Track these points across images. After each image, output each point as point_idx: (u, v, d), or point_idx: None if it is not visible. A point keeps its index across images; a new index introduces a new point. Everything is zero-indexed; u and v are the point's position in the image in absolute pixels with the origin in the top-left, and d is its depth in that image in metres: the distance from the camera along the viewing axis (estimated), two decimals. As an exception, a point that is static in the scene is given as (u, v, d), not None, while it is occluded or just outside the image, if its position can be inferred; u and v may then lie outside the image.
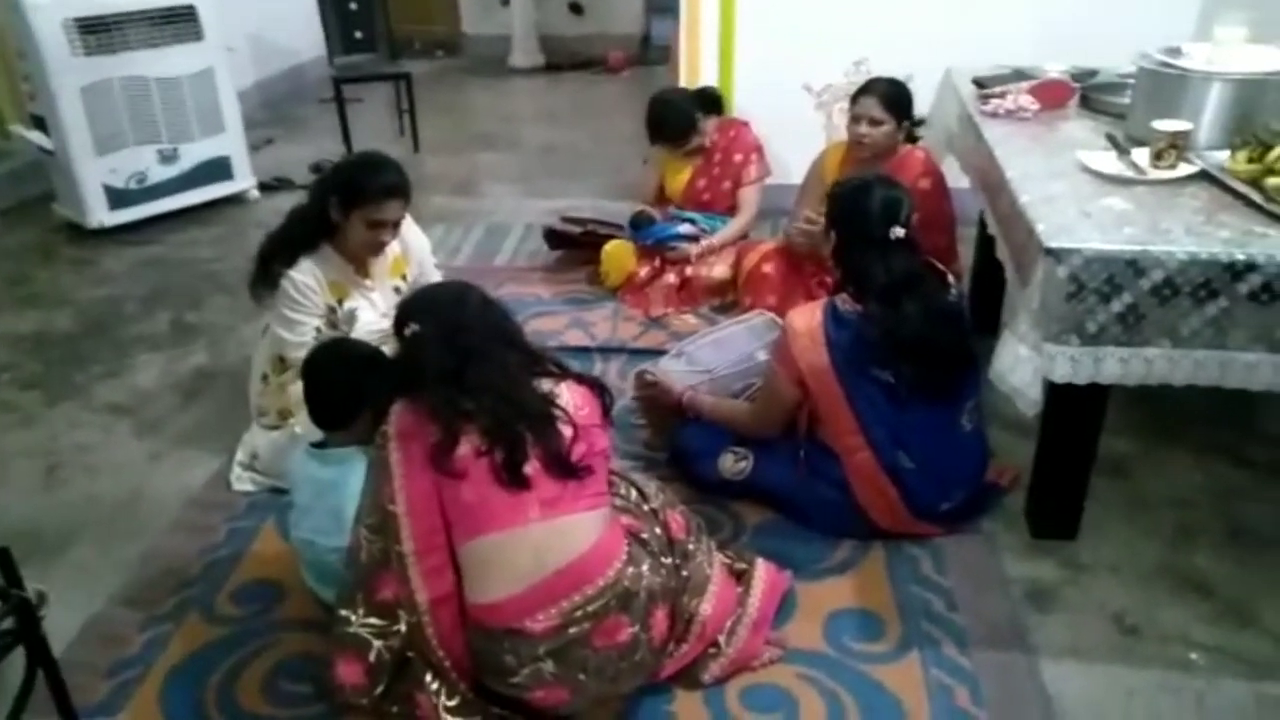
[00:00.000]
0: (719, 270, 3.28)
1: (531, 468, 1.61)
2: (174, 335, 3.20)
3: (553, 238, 3.67)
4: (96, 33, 3.72)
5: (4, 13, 3.72)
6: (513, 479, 1.60)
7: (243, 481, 2.43)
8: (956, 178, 2.86)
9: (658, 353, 2.93)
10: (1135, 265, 1.71)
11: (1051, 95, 2.51)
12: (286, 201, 2.38)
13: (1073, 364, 1.76)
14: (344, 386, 1.93)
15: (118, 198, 3.94)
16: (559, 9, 7.10)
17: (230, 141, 4.23)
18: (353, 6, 5.02)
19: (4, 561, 1.16)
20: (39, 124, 3.84)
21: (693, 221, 3.38)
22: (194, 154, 4.11)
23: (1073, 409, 1.94)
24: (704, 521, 2.09)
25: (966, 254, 3.01)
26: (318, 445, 1.97)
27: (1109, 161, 2.09)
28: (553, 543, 1.62)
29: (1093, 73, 2.75)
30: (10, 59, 4.07)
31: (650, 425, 2.51)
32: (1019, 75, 2.67)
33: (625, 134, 5.18)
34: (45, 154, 3.89)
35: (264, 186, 4.44)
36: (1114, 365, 1.76)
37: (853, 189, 2.12)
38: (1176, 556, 2.10)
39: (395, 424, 1.69)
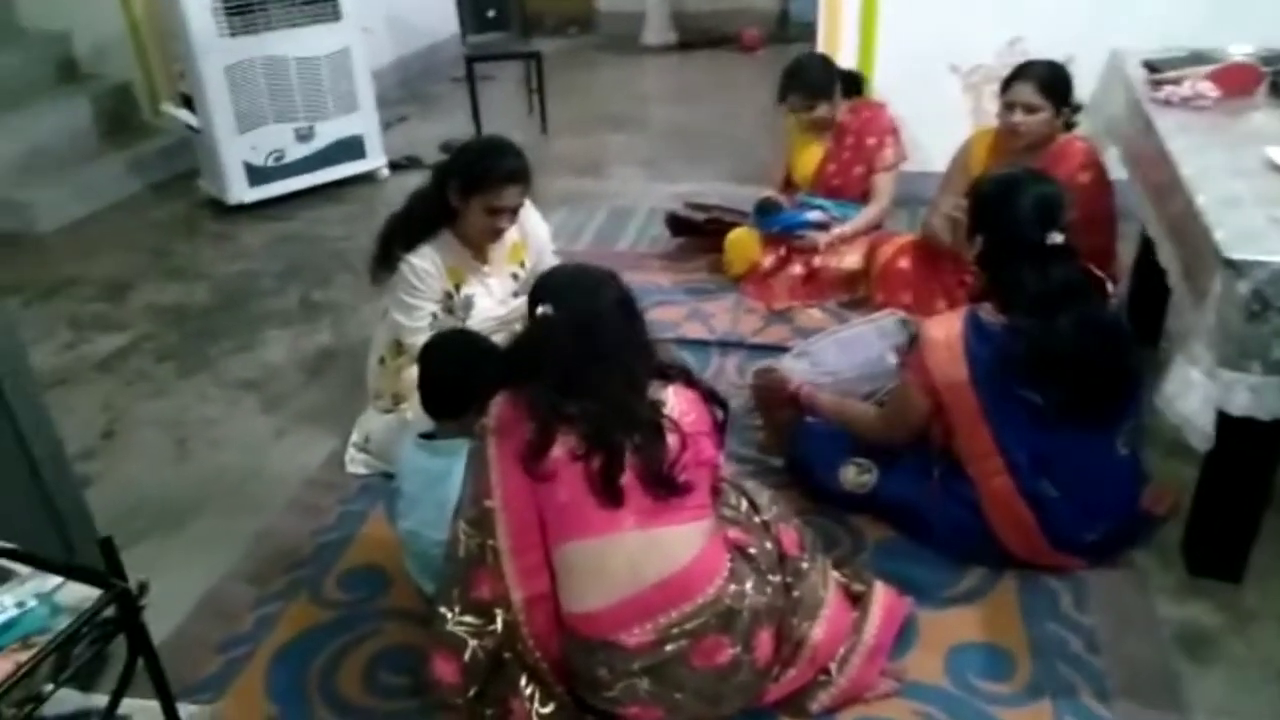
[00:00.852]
0: (850, 261, 3.11)
1: (627, 480, 1.54)
2: (302, 312, 3.28)
3: (675, 224, 3.57)
4: (242, 14, 3.84)
5: (158, -4, 3.89)
6: (606, 492, 1.53)
7: (356, 464, 2.45)
8: (1115, 169, 2.61)
9: (779, 349, 2.81)
10: (1336, 282, 1.48)
11: (1236, 81, 2.23)
12: (415, 180, 2.39)
13: (1253, 396, 1.55)
14: (458, 377, 1.89)
15: (256, 175, 4.07)
16: (694, -16, 6.94)
17: (364, 121, 4.31)
18: (486, -14, 5.04)
19: (107, 550, 1.16)
20: (187, 103, 4.00)
21: (822, 209, 3.22)
22: (329, 132, 4.20)
23: (1247, 441, 1.71)
24: (821, 536, 1.98)
25: (1125, 252, 2.74)
26: (426, 435, 1.94)
27: (1305, 159, 1.84)
28: (650, 554, 1.55)
29: (1285, 55, 2.44)
30: (162, 40, 4.26)
31: (766, 424, 2.39)
32: (1197, 58, 2.39)
33: (756, 116, 5.02)
34: (192, 131, 4.05)
35: (394, 165, 4.51)
36: (1305, 402, 1.53)
37: (1001, 185, 1.92)
38: (1362, 611, 1.85)
39: (495, 416, 1.64)
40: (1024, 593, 1.92)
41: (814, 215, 3.17)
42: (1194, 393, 1.57)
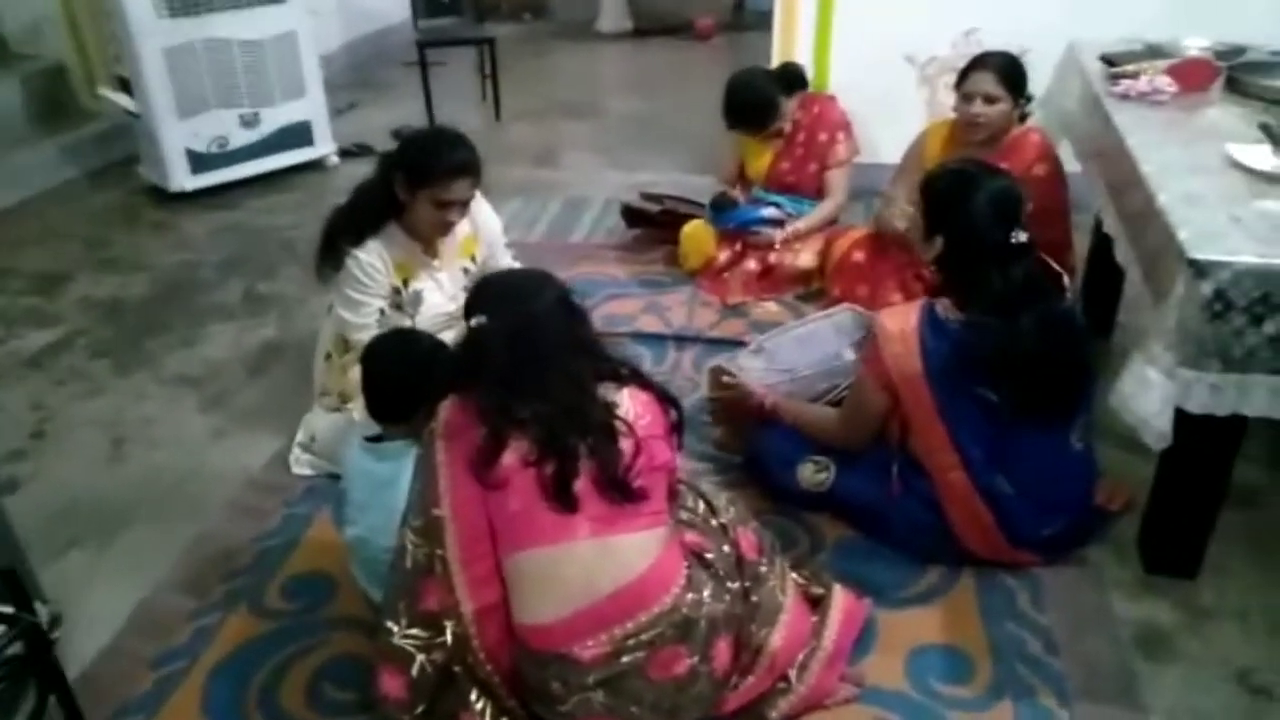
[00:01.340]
0: (805, 258, 3.08)
1: (582, 486, 1.49)
2: (246, 305, 3.17)
3: (630, 215, 3.52)
4: (179, -6, 3.69)
5: (92, -27, 3.72)
6: (560, 498, 1.48)
7: (300, 464, 2.36)
8: (1068, 161, 2.60)
9: (735, 343, 2.78)
10: (1297, 281, 1.47)
11: (1193, 76, 2.23)
12: (365, 169, 2.29)
13: (1213, 393, 1.53)
14: (403, 379, 1.82)
15: (199, 162, 3.93)
16: (649, -29, 6.87)
17: (311, 106, 4.18)
18: (439, -31, 4.93)
19: (11, 583, 1.07)
20: (124, 86, 3.84)
21: (777, 205, 3.18)
22: (275, 119, 4.07)
23: (1204, 439, 1.70)
24: (778, 535, 1.95)
25: (1079, 243, 2.73)
26: (373, 438, 1.87)
27: (1264, 156, 1.83)
28: (604, 563, 1.50)
29: (1239, 50, 2.44)
30: (98, 20, 4.08)
31: (724, 425, 2.35)
32: (1153, 52, 2.39)
33: (711, 104, 4.90)
34: (130, 116, 3.89)
35: (344, 153, 4.39)
36: (1263, 397, 1.53)
37: (956, 183, 1.87)
38: (1315, 606, 1.86)
39: (443, 421, 1.58)
40: (982, 591, 1.91)
41: (769, 212, 3.14)
42: (1152, 392, 1.55)
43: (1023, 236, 1.77)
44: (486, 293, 1.62)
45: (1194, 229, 1.58)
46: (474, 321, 1.57)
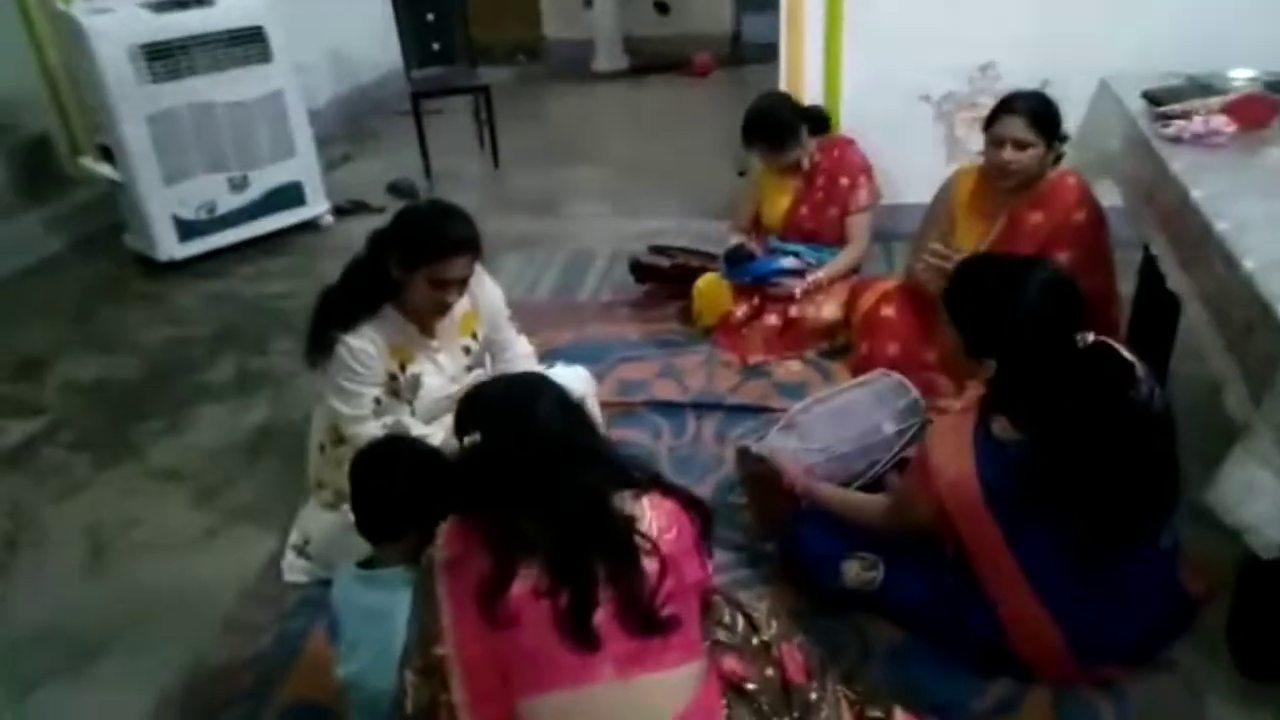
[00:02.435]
0: (828, 310, 2.90)
1: (603, 617, 1.30)
2: (238, 384, 2.99)
3: (640, 270, 3.34)
4: (162, 59, 3.54)
5: (70, 41, 3.58)
6: (578, 634, 1.30)
7: (295, 570, 2.18)
8: (1103, 195, 2.42)
9: (759, 409, 2.61)
10: None
11: (1251, 114, 2.05)
12: (361, 226, 2.13)
13: (1331, 496, 1.33)
14: (393, 493, 1.64)
15: (187, 229, 3.77)
16: (644, 9, 6.75)
17: (302, 166, 4.02)
18: (430, 18, 4.81)
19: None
20: (106, 155, 3.69)
21: (796, 254, 3.01)
22: (264, 180, 3.91)
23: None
24: (823, 640, 1.77)
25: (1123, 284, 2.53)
26: (365, 563, 1.68)
27: (1350, 206, 1.65)
28: (631, 708, 1.32)
29: (1291, 80, 2.27)
30: (78, 89, 3.94)
31: (755, 509, 2.16)
32: (1200, 88, 2.21)
33: (715, 143, 4.82)
34: (114, 185, 3.74)
35: (338, 210, 4.23)
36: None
37: (993, 289, 1.60)
38: None
39: (443, 548, 1.40)
40: (1060, 706, 1.70)
41: (788, 262, 2.96)
42: (1264, 497, 1.36)
43: (1090, 339, 1.55)
44: (477, 407, 1.45)
45: (1298, 305, 1.38)
46: (467, 441, 1.40)
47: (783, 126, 2.92)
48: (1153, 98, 2.22)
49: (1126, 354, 1.62)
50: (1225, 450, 1.51)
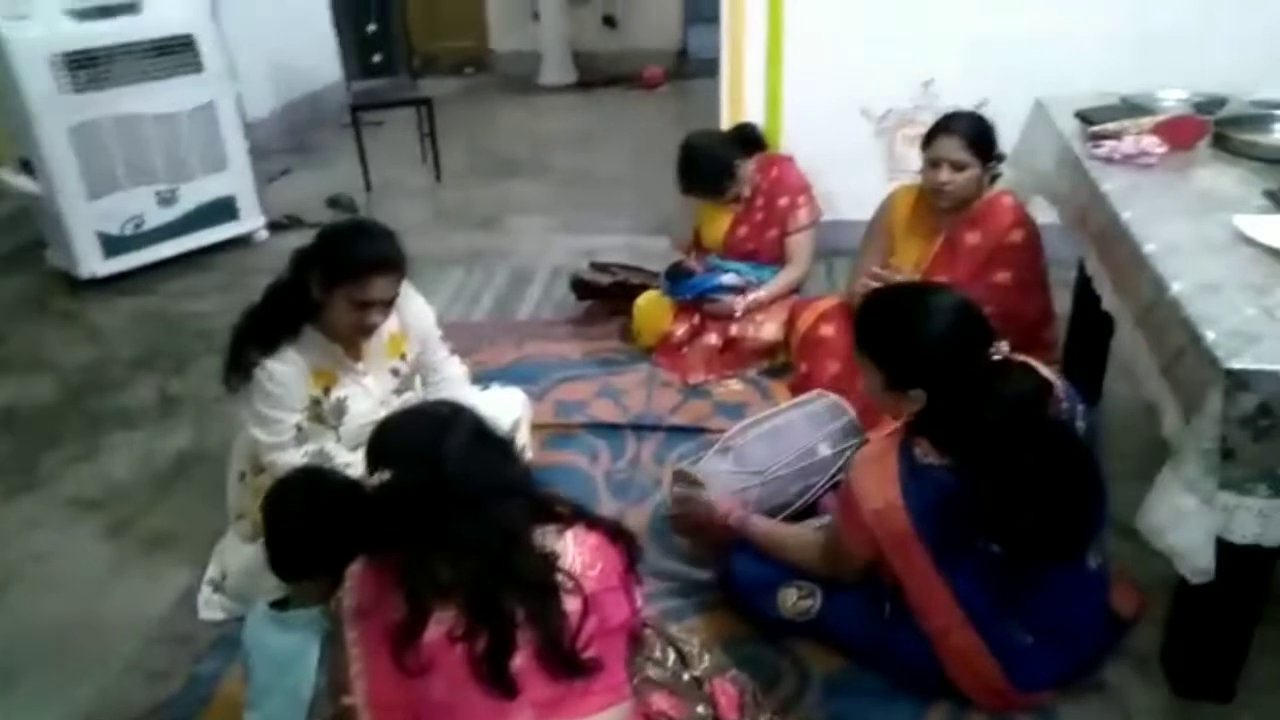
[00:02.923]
0: (768, 329, 2.87)
1: (521, 661, 1.25)
2: (157, 409, 2.86)
3: (580, 288, 3.29)
4: (85, 68, 3.41)
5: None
6: (495, 680, 1.24)
7: (211, 607, 2.07)
8: (1038, 213, 2.43)
9: (699, 430, 2.56)
10: (1352, 391, 1.26)
11: (1181, 134, 2.06)
12: (297, 242, 2.03)
13: (1262, 521, 1.32)
14: (310, 531, 1.55)
15: (112, 245, 3.62)
16: (591, 22, 6.72)
17: (235, 179, 3.90)
18: (371, 29, 4.72)
19: None
20: (27, 168, 3.53)
21: (736, 272, 2.97)
22: (195, 194, 3.78)
23: (1241, 564, 1.47)
24: (759, 670, 1.73)
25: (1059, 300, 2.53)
26: (280, 603, 1.59)
27: (1276, 229, 1.64)
28: None
29: (1219, 101, 2.29)
30: (-2, 98, 3.78)
31: (691, 536, 2.11)
32: (1132, 109, 2.22)
33: (662, 159, 4.72)
34: (35, 199, 3.59)
35: (274, 225, 4.11)
36: (1321, 523, 1.32)
37: (906, 319, 1.59)
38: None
39: (352, 592, 1.34)
40: (996, 733, 1.67)
41: (728, 279, 2.92)
42: (1191, 523, 1.34)
43: (1005, 348, 1.53)
44: (386, 441, 1.39)
45: (1223, 329, 1.37)
46: (376, 478, 1.32)
47: (719, 170, 2.88)
48: (1085, 118, 2.22)
49: (1045, 372, 1.60)
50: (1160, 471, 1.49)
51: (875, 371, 1.61)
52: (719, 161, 2.88)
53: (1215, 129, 2.12)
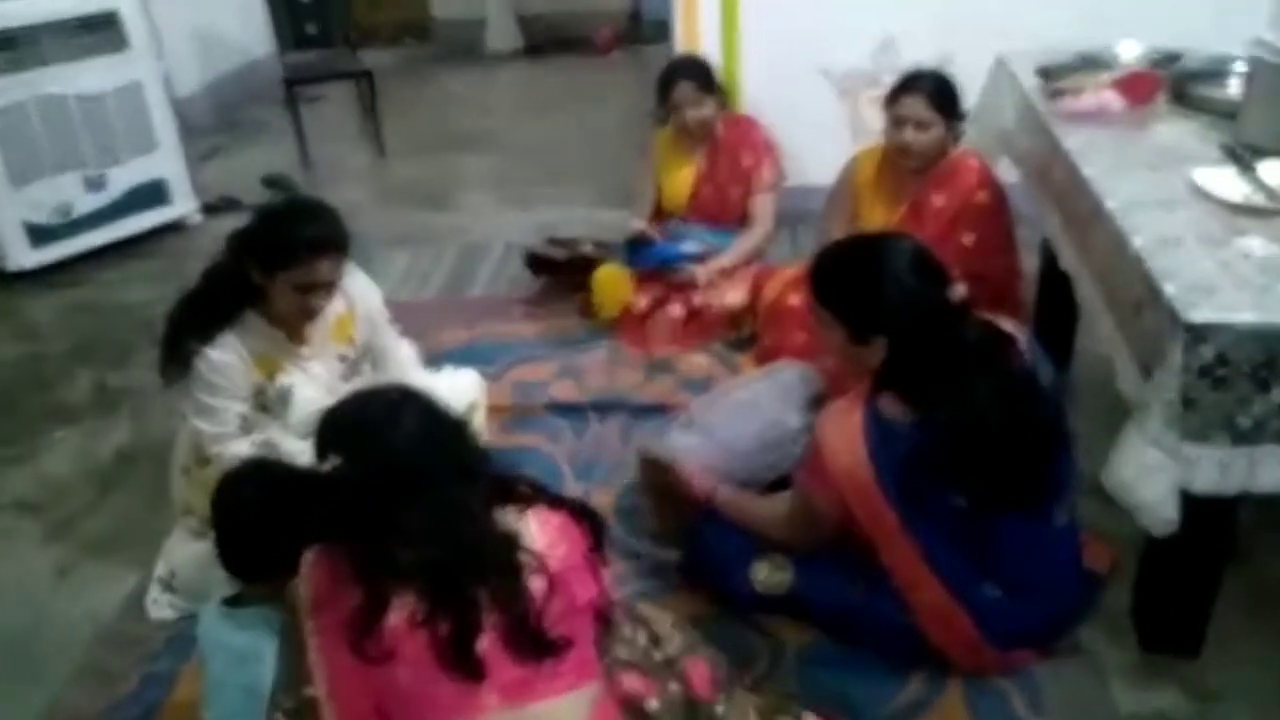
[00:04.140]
0: (733, 296, 2.81)
1: (487, 644, 1.21)
2: (95, 403, 2.75)
3: (535, 263, 3.20)
4: (4, 49, 3.23)
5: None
6: (461, 664, 1.20)
7: (160, 606, 1.99)
8: (1003, 173, 2.42)
9: (663, 408, 2.50)
10: (1306, 340, 1.26)
11: (1139, 90, 2.04)
12: (233, 225, 1.94)
13: (1221, 470, 1.33)
14: (260, 526, 1.48)
15: (40, 234, 3.45)
16: (537, -16, 6.55)
17: (166, 162, 3.73)
18: (304, -2, 4.54)
19: None
20: (-57, 155, 3.35)
21: (699, 238, 2.92)
22: (124, 179, 3.62)
23: (1204, 515, 1.47)
24: (732, 648, 1.69)
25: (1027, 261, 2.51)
26: (232, 600, 1.53)
27: (1232, 183, 1.63)
28: None
29: (1175, 56, 2.26)
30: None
31: (659, 514, 2.06)
32: (1091, 63, 2.19)
33: (617, 125, 4.68)
34: (-47, 188, 3.40)
35: (208, 208, 3.95)
36: (1275, 471, 1.33)
37: (863, 266, 1.60)
38: (1334, 680, 1.67)
39: (307, 581, 1.29)
40: (973, 699, 1.65)
41: (689, 246, 2.87)
42: (1156, 476, 1.34)
43: (962, 291, 1.54)
44: (335, 428, 1.34)
45: (1182, 282, 1.36)
46: (328, 465, 1.28)
47: (705, 71, 2.87)
48: (1046, 74, 2.19)
49: (1007, 325, 1.60)
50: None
51: (836, 325, 1.61)
52: (708, 68, 2.91)
53: (1172, 84, 2.10)
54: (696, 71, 2.87)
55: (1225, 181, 1.66)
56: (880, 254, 1.60)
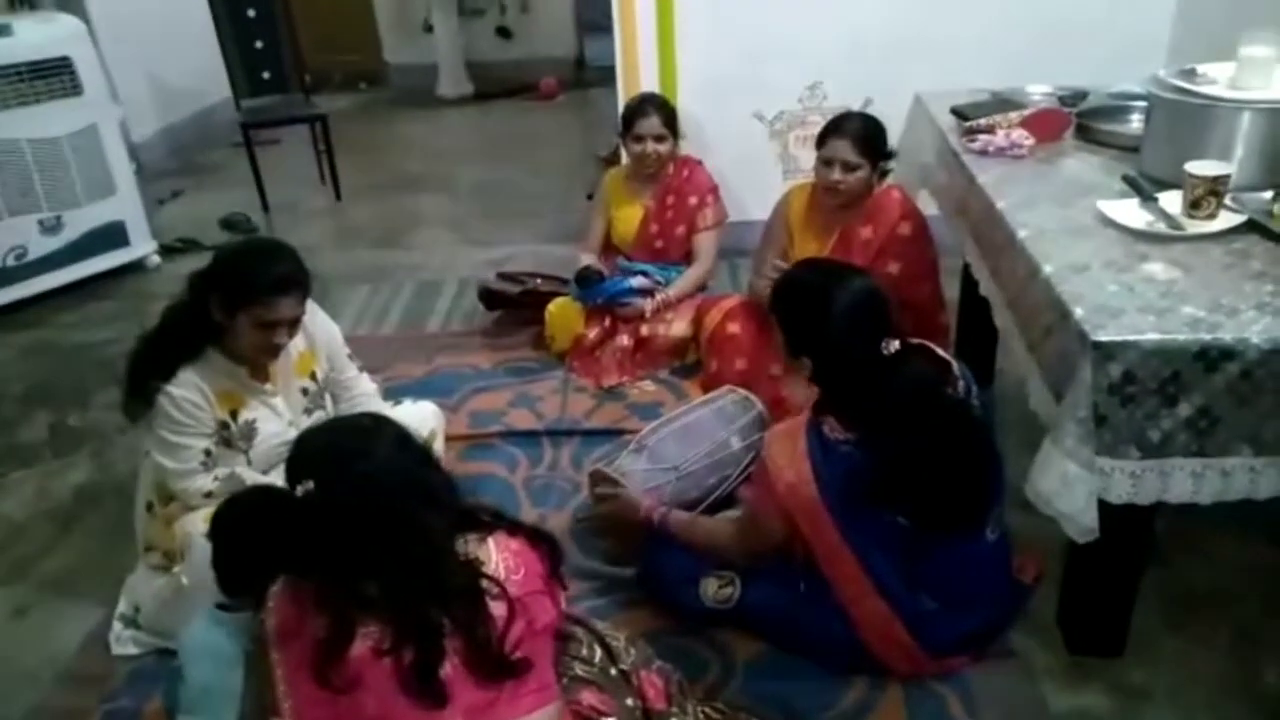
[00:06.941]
0: (678, 327, 2.93)
1: (450, 670, 1.26)
2: (54, 443, 2.76)
3: (489, 297, 3.29)
4: (-46, 93, 3.26)
5: None
6: (425, 691, 1.25)
7: (123, 642, 2.01)
8: (924, 205, 2.56)
9: (615, 432, 2.59)
10: (1205, 357, 1.38)
11: (1047, 127, 2.19)
12: (192, 266, 1.99)
13: (1134, 482, 1.43)
14: (259, 549, 1.52)
15: (-6, 277, 3.47)
16: (486, 33, 6.71)
17: (123, 204, 3.77)
18: (258, 45, 4.61)
19: None
20: (-106, 201, 3.36)
21: (645, 273, 3.03)
22: (81, 221, 3.64)
23: (1121, 523, 1.58)
24: (684, 660, 1.77)
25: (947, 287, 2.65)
26: (225, 606, 1.56)
27: (1134, 212, 1.77)
28: None
29: (1081, 95, 2.44)
30: None
31: (612, 535, 2.14)
32: (1003, 103, 2.35)
33: (563, 166, 4.82)
34: (-96, 234, 3.41)
35: (167, 250, 3.99)
36: (1185, 481, 1.44)
37: (809, 294, 1.69)
38: (1243, 672, 1.79)
39: (274, 615, 1.33)
40: (912, 703, 1.74)
41: (637, 281, 2.98)
42: (1075, 488, 1.44)
43: (895, 345, 1.63)
44: (308, 454, 1.38)
45: (1090, 304, 1.48)
46: (300, 491, 1.32)
47: (673, 108, 3.05)
48: (960, 113, 2.34)
49: (942, 353, 1.70)
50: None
51: (779, 331, 1.73)
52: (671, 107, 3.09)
53: (1078, 120, 2.26)
54: (662, 107, 3.03)
55: (1129, 211, 1.80)
56: (830, 289, 1.66)
